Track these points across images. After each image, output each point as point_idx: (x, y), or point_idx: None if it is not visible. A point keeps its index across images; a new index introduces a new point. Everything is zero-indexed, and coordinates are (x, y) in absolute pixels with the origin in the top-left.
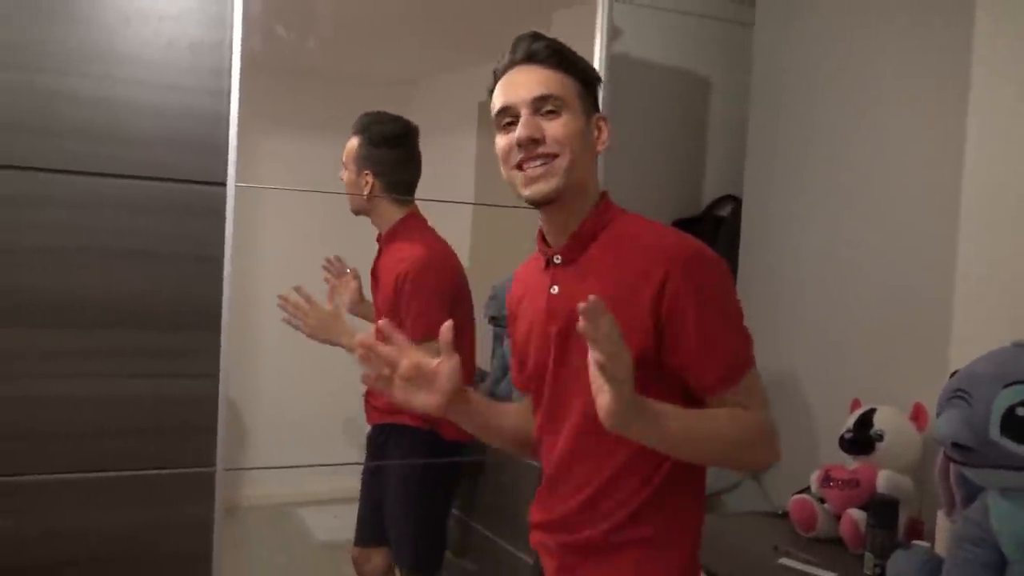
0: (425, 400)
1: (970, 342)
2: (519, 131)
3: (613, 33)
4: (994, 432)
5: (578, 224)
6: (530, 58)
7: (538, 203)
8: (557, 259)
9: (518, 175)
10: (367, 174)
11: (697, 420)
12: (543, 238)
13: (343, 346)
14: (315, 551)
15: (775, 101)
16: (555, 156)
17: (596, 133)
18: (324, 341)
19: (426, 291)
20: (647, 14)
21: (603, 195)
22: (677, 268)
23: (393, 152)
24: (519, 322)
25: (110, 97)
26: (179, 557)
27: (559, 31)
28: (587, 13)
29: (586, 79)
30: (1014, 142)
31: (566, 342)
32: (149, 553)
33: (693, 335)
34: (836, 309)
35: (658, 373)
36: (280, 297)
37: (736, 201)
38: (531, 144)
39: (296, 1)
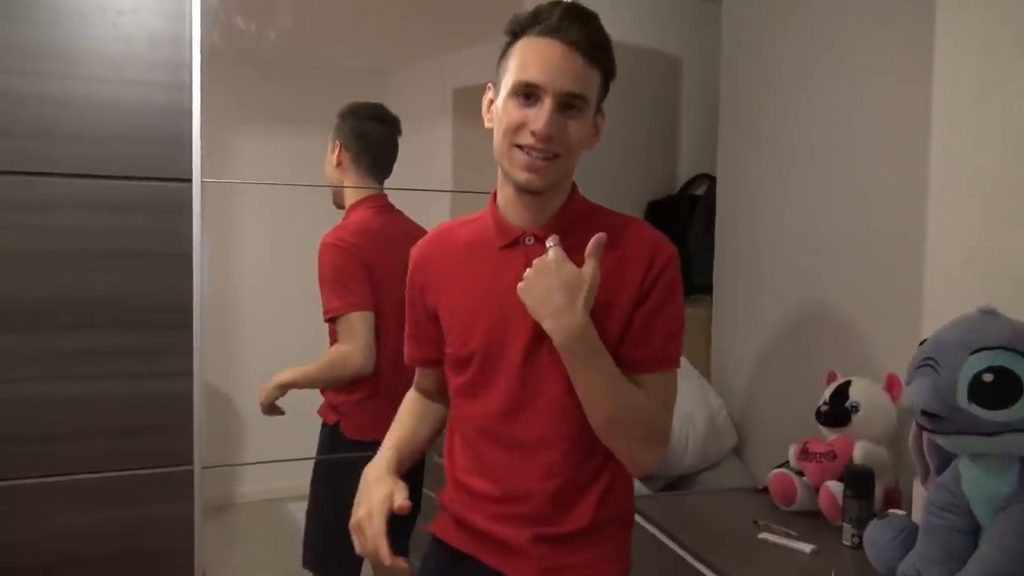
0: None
1: (941, 312)
2: (543, 126)
3: None
4: (962, 399)
5: (556, 209)
6: (573, 43)
7: (527, 191)
8: (529, 240)
9: (518, 154)
10: (337, 142)
11: (622, 379)
12: (498, 217)
13: None
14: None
15: (745, 79)
16: (559, 155)
17: (593, 131)
18: None
19: (324, 272)
20: None
21: (574, 184)
22: (662, 260)
23: (365, 124)
24: (451, 297)
25: (68, 95)
26: (160, 557)
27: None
28: None
29: (608, 74)
30: (978, 115)
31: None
32: (130, 554)
33: (650, 312)
34: (811, 283)
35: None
36: None
37: (711, 180)
38: (547, 138)
39: None
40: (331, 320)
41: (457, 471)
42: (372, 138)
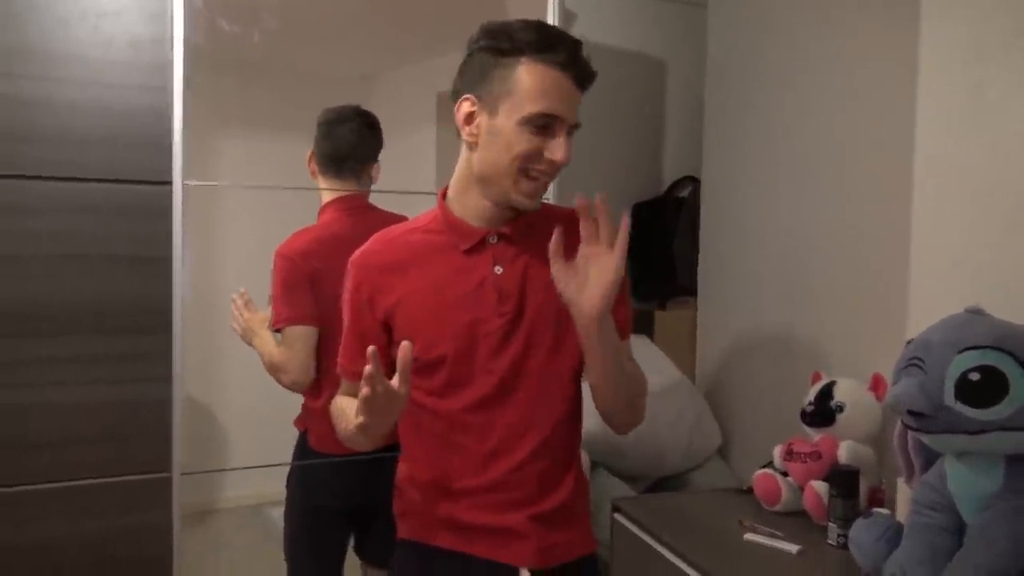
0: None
1: (926, 313)
2: (562, 155)
3: (567, 18)
4: (948, 398)
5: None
6: (579, 80)
7: (521, 211)
8: (494, 239)
9: (526, 181)
10: (311, 150)
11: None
12: (454, 220)
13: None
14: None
15: (730, 81)
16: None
17: None
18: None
19: (276, 279)
20: None
21: None
22: None
23: (332, 127)
24: (410, 302)
25: (49, 98)
26: (138, 565)
27: (514, 17)
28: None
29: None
30: (963, 116)
31: (519, 319)
32: (107, 563)
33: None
34: (796, 284)
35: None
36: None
37: (696, 182)
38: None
39: None
40: (278, 330)
41: (424, 473)
42: (339, 141)
